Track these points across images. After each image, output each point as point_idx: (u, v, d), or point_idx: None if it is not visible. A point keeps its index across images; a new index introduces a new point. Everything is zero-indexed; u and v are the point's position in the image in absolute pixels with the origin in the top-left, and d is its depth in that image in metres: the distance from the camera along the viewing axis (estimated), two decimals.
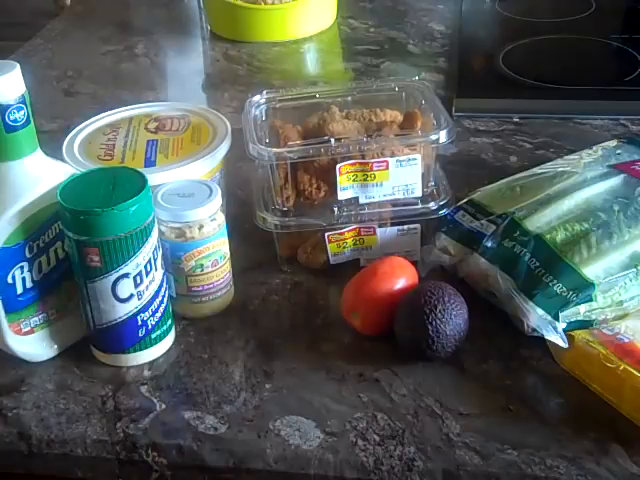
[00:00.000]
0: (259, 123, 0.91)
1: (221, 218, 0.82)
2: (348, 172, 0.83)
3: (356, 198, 0.85)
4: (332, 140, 0.84)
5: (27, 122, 0.70)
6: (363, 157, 0.83)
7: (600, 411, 0.70)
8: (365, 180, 0.84)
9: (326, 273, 0.88)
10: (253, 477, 0.69)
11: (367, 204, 0.85)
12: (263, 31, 1.43)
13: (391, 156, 0.83)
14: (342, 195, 0.84)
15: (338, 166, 0.83)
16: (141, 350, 0.77)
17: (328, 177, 0.85)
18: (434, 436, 0.69)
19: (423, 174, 0.85)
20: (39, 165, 0.73)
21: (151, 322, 0.76)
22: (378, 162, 0.83)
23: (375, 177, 0.83)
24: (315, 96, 0.95)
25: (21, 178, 0.72)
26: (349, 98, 0.94)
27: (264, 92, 0.95)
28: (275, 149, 0.84)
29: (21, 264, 0.74)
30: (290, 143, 0.86)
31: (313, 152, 0.84)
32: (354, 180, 0.84)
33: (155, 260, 0.75)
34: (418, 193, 0.85)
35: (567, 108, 1.16)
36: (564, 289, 0.75)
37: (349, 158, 0.83)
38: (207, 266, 0.81)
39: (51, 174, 0.74)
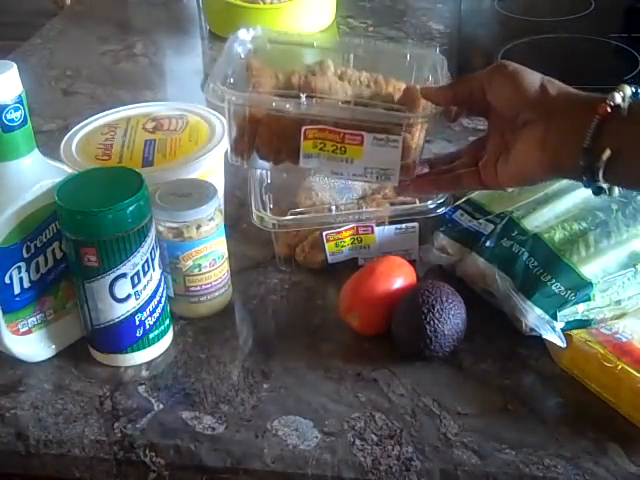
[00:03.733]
0: (237, 61, 0.78)
1: (219, 218, 0.81)
2: (315, 138, 0.71)
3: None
4: (303, 97, 0.72)
5: (24, 122, 0.70)
6: (336, 125, 0.71)
7: (598, 410, 0.70)
8: (334, 152, 0.71)
9: (324, 272, 0.88)
10: (251, 477, 0.69)
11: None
12: None
13: (369, 131, 0.71)
14: (304, 163, 0.73)
15: (303, 128, 0.71)
16: (139, 350, 0.77)
17: (291, 141, 0.73)
18: (432, 436, 0.69)
19: (414, 159, 0.74)
20: (36, 165, 0.73)
21: (149, 322, 0.76)
22: (351, 134, 0.70)
23: (345, 151, 0.71)
24: (313, 44, 0.84)
25: (18, 178, 0.72)
26: (351, 55, 0.81)
27: (258, 28, 0.81)
28: (232, 92, 0.72)
29: (18, 264, 0.74)
30: (260, 90, 0.73)
31: (276, 106, 0.71)
32: (320, 149, 0.72)
33: (153, 260, 0.75)
34: (394, 181, 0.74)
35: None
36: (562, 288, 0.75)
37: (319, 123, 0.71)
38: (205, 266, 0.81)
39: (48, 174, 0.74)
